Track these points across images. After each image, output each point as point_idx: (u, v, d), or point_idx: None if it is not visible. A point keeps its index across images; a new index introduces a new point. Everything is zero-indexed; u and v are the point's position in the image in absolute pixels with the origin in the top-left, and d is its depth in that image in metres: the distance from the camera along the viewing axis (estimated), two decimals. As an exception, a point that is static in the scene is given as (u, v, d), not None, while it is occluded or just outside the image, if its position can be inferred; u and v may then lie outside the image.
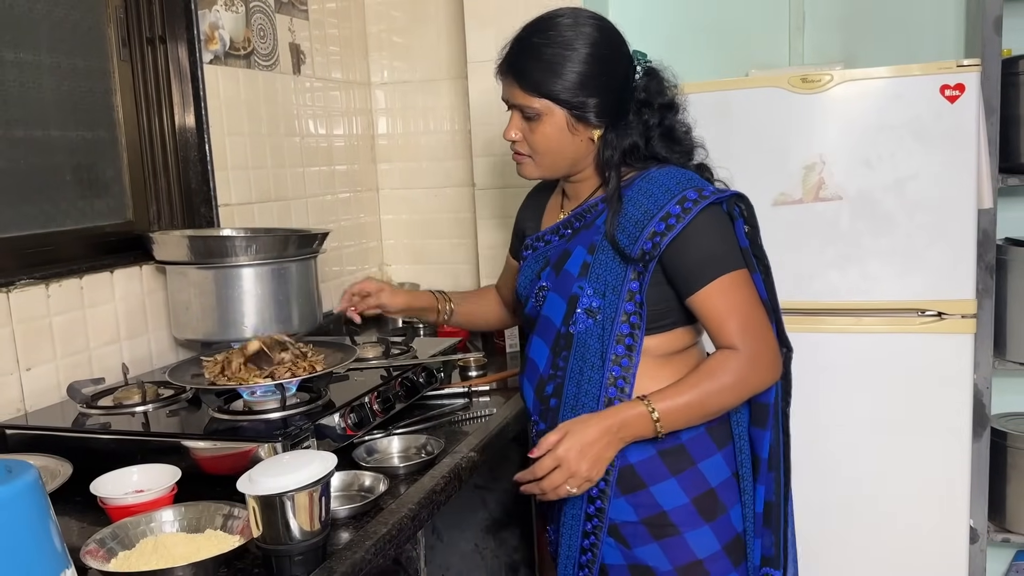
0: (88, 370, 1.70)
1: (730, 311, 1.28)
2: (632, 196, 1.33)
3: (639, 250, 1.30)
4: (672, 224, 1.27)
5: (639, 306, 1.32)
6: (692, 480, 1.35)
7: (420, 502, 1.28)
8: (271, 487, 1.06)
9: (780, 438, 1.39)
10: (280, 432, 1.33)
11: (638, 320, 1.33)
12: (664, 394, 1.29)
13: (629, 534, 1.37)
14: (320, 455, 1.14)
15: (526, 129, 1.37)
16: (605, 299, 1.34)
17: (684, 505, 1.35)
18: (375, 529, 1.18)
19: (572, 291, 1.37)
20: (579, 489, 1.29)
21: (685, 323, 1.37)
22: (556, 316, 1.40)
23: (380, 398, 1.57)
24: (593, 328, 1.35)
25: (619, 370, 1.33)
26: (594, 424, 1.28)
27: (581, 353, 1.36)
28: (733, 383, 1.29)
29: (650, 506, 1.35)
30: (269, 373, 1.41)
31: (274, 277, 1.80)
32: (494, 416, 1.68)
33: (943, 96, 1.87)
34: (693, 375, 1.31)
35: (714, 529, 1.35)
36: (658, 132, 1.35)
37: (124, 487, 1.29)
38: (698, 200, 1.28)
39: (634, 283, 1.32)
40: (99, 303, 1.74)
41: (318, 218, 2.45)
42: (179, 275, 1.80)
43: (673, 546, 1.35)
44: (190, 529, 1.21)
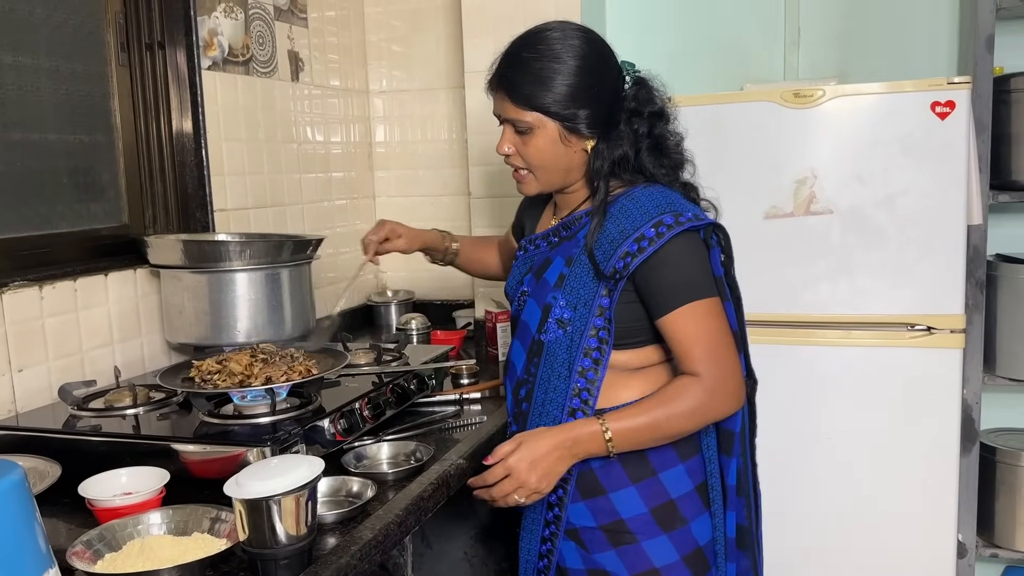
0: (80, 372, 1.71)
1: (697, 338, 1.29)
2: (613, 214, 1.34)
3: (611, 268, 1.31)
4: (644, 247, 1.29)
5: (608, 322, 1.34)
6: (652, 490, 1.36)
7: (407, 508, 1.28)
8: (258, 491, 1.07)
9: (748, 465, 1.40)
10: (269, 437, 1.34)
11: (606, 335, 1.34)
12: (620, 414, 1.31)
13: (588, 539, 1.38)
14: (307, 459, 1.15)
15: (519, 143, 1.38)
16: (576, 312, 1.35)
17: (642, 514, 1.36)
18: (361, 534, 1.19)
19: (547, 300, 1.39)
20: (527, 500, 1.31)
21: (656, 342, 1.38)
22: (532, 322, 1.42)
23: (371, 404, 1.58)
24: (563, 339, 1.37)
25: (584, 382, 1.35)
26: (547, 438, 1.30)
27: (550, 362, 1.38)
28: (691, 409, 1.29)
29: (608, 513, 1.36)
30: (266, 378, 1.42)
31: (267, 282, 1.81)
32: (484, 423, 1.69)
33: (934, 113, 1.89)
34: (653, 398, 1.32)
35: (672, 539, 1.36)
36: (647, 143, 1.36)
37: (112, 489, 1.29)
38: (673, 226, 1.29)
39: (604, 299, 1.34)
40: (93, 305, 1.75)
41: (314, 224, 2.46)
42: (173, 279, 1.81)
43: (630, 553, 1.36)
44: (177, 532, 1.21)
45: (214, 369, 1.46)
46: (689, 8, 2.58)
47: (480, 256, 1.89)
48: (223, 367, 1.45)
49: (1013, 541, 2.22)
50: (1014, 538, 2.22)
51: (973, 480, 2.16)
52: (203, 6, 1.99)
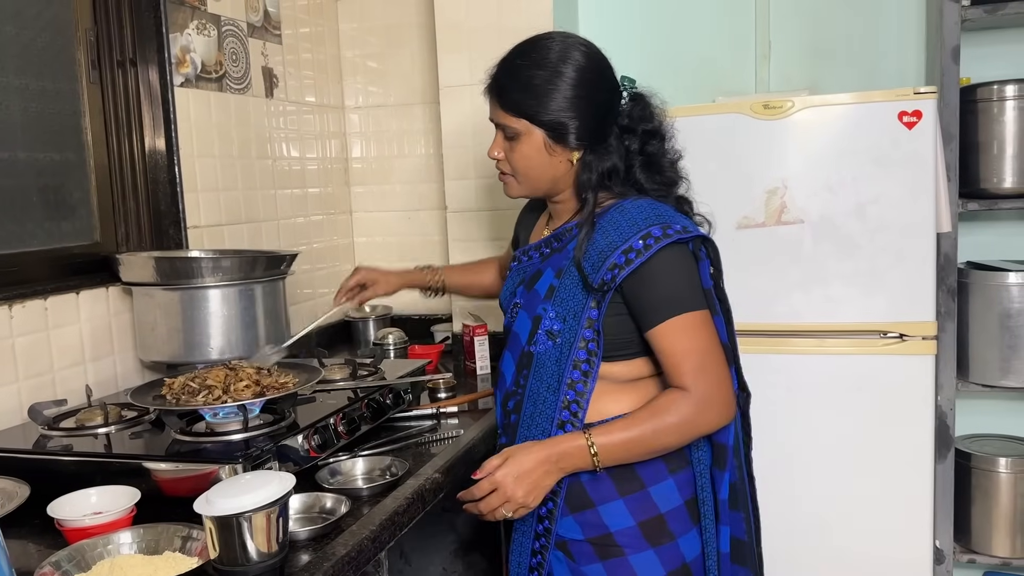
0: (52, 392, 1.69)
1: (686, 351, 1.29)
2: (602, 225, 1.34)
3: (599, 280, 1.31)
4: (631, 259, 1.29)
5: (597, 334, 1.34)
6: (641, 504, 1.36)
7: (382, 524, 1.28)
8: (228, 508, 1.06)
9: (744, 479, 1.40)
10: (241, 454, 1.32)
11: (595, 347, 1.34)
12: (606, 428, 1.31)
13: (576, 551, 1.38)
14: (279, 475, 1.14)
15: (507, 148, 1.40)
16: (565, 324, 1.35)
17: (630, 528, 1.35)
18: (335, 551, 1.18)
19: (537, 311, 1.39)
20: (515, 514, 1.31)
21: (646, 354, 1.38)
22: (523, 334, 1.42)
23: (345, 420, 1.57)
24: (552, 351, 1.37)
25: (573, 394, 1.35)
26: (534, 453, 1.30)
27: (539, 373, 1.38)
28: (678, 423, 1.29)
29: (596, 526, 1.36)
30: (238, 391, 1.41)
31: (241, 299, 1.80)
32: (461, 437, 1.69)
33: (901, 122, 1.91)
34: (640, 412, 1.31)
35: (659, 554, 1.36)
36: (640, 160, 1.37)
37: (82, 509, 1.28)
38: (661, 238, 1.29)
39: (593, 311, 1.34)
40: (64, 324, 1.73)
41: (290, 240, 2.46)
42: (145, 296, 1.80)
43: (617, 567, 1.35)
44: (148, 551, 1.20)
45: (190, 388, 1.44)
46: (661, 22, 2.60)
47: (473, 279, 1.91)
48: (198, 383, 1.44)
49: (990, 546, 2.24)
50: (991, 543, 2.24)
51: (949, 486, 2.18)
52: (175, 23, 1.99)
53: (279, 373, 1.51)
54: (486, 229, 2.40)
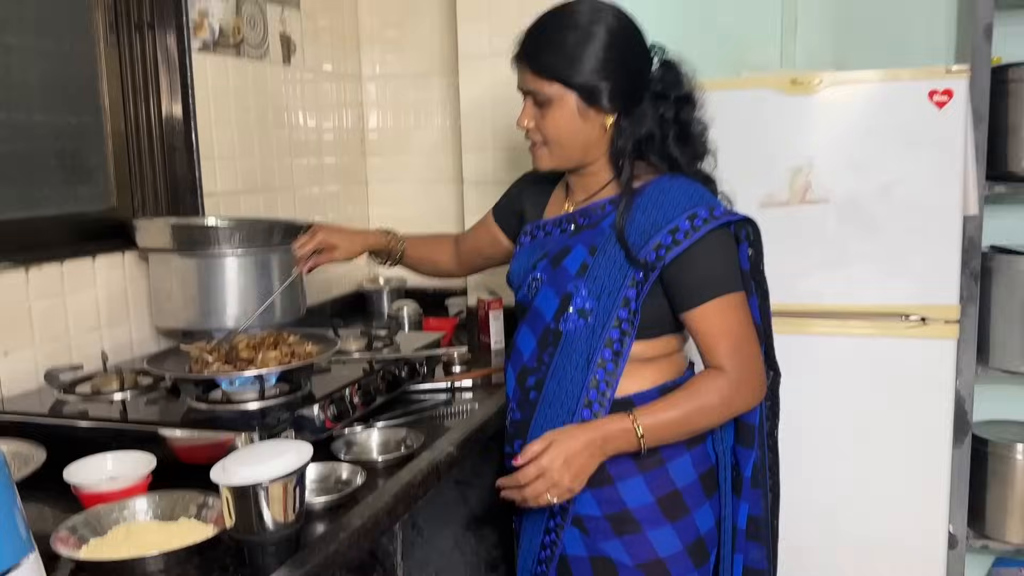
0: (67, 357, 1.69)
1: (723, 332, 1.28)
2: (641, 203, 1.32)
3: (642, 259, 1.30)
4: (679, 239, 1.27)
5: (632, 314, 1.32)
6: (659, 480, 1.35)
7: (397, 496, 1.27)
8: (244, 477, 1.05)
9: (765, 458, 1.40)
10: (258, 423, 1.32)
11: (629, 327, 1.32)
12: (650, 410, 1.29)
13: (592, 527, 1.37)
14: (296, 445, 1.13)
15: (538, 116, 1.37)
16: (599, 302, 1.34)
17: (649, 504, 1.35)
18: (350, 522, 1.17)
19: (567, 289, 1.37)
20: (559, 499, 1.29)
21: (673, 332, 1.37)
22: (547, 310, 1.40)
23: (361, 391, 1.56)
24: (583, 329, 1.35)
25: (603, 374, 1.33)
26: (579, 436, 1.28)
27: (567, 352, 1.36)
28: (718, 404, 1.29)
29: (614, 502, 1.35)
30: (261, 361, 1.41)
31: (257, 267, 1.79)
32: (476, 412, 1.68)
33: (931, 101, 1.87)
34: (680, 393, 1.31)
35: (677, 529, 1.36)
36: (674, 129, 1.34)
37: (98, 474, 1.28)
38: (708, 219, 1.28)
39: (631, 290, 1.32)
40: (80, 289, 1.73)
41: (305, 210, 2.44)
42: (161, 263, 1.79)
43: (635, 543, 1.35)
44: (164, 517, 1.20)
45: (214, 356, 1.44)
46: (686, -6, 2.55)
47: (429, 255, 1.83)
48: (220, 351, 1.44)
49: (1004, 533, 2.23)
50: (1004, 530, 2.22)
51: (965, 472, 2.16)
52: (193, -13, 1.97)
53: (298, 342, 1.50)
54: (503, 202, 2.38)
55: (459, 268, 1.82)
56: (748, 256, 1.35)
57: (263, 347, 1.46)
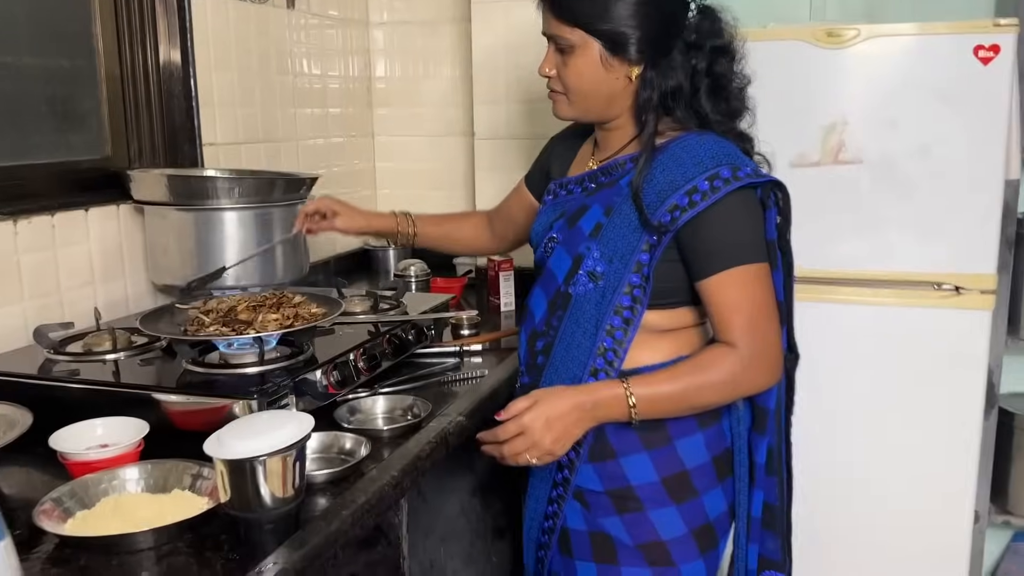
0: (59, 313, 1.61)
1: (738, 305, 1.19)
2: (663, 161, 1.22)
3: (657, 220, 1.20)
4: (696, 201, 1.17)
5: (645, 279, 1.23)
6: (666, 458, 1.28)
7: (403, 469, 1.20)
8: (241, 450, 0.98)
9: (780, 444, 1.31)
10: (256, 389, 1.24)
11: (641, 294, 1.24)
12: (647, 380, 1.21)
13: (593, 502, 1.30)
14: (296, 416, 1.06)
15: (560, 63, 1.27)
16: (611, 265, 1.25)
17: (652, 483, 1.27)
18: (353, 497, 1.10)
19: (579, 250, 1.28)
20: (539, 460, 1.22)
21: (691, 303, 1.28)
22: (559, 272, 1.31)
23: (366, 355, 1.48)
24: (592, 293, 1.26)
25: (611, 341, 1.25)
26: (567, 398, 1.21)
27: (576, 316, 1.28)
28: (722, 381, 1.20)
29: (616, 478, 1.28)
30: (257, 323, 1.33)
31: (258, 223, 1.70)
32: (485, 378, 1.60)
33: (976, 57, 1.75)
34: (683, 365, 1.22)
35: (682, 512, 1.28)
36: (706, 83, 1.24)
37: (87, 441, 1.21)
38: (730, 180, 1.17)
39: (644, 254, 1.23)
40: (72, 243, 1.64)
41: (309, 163, 2.34)
42: (158, 216, 1.70)
43: (636, 522, 1.28)
44: (155, 489, 1.13)
45: (211, 317, 1.36)
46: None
47: (449, 231, 1.75)
48: (218, 312, 1.36)
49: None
50: (1025, 505, 2.16)
51: (989, 446, 2.08)
52: (192, -78, 1.85)
53: (304, 304, 1.42)
54: (516, 158, 2.27)
55: (495, 242, 1.73)
56: (776, 223, 1.25)
57: (264, 308, 1.37)
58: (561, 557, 1.33)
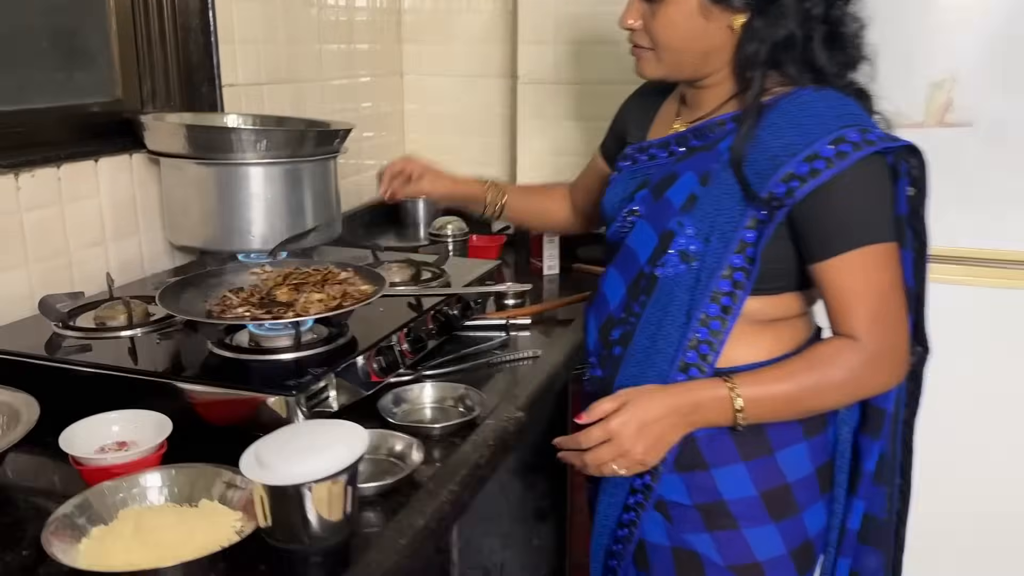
0: (66, 276, 1.46)
1: (863, 293, 1.02)
2: (773, 121, 1.03)
3: (767, 192, 1.02)
4: (818, 169, 0.99)
5: (750, 261, 1.06)
6: (765, 470, 1.12)
7: (463, 481, 1.04)
8: (285, 475, 0.83)
9: (896, 451, 1.16)
10: (294, 383, 1.08)
11: (744, 278, 1.06)
12: (755, 378, 1.05)
13: (677, 516, 1.15)
14: (348, 430, 0.91)
15: (647, 13, 1.08)
16: (708, 245, 1.07)
17: (750, 498, 1.12)
18: (410, 520, 0.95)
19: (668, 226, 1.10)
20: (628, 471, 1.07)
21: (799, 287, 1.11)
22: (643, 250, 1.14)
23: (410, 336, 1.32)
24: (685, 276, 1.09)
25: (706, 332, 1.08)
26: (661, 400, 1.05)
27: (663, 303, 1.11)
28: (843, 381, 1.04)
29: (707, 491, 1.13)
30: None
31: (287, 179, 1.53)
32: (540, 362, 1.43)
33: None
34: (797, 362, 1.06)
35: (782, 530, 1.13)
36: (822, 29, 1.05)
37: (101, 438, 1.06)
38: (860, 145, 0.99)
39: (750, 232, 1.05)
40: (80, 197, 1.48)
41: (334, 105, 2.15)
42: (175, 170, 1.53)
43: (728, 541, 1.13)
44: (181, 498, 0.98)
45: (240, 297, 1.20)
46: None
47: (539, 206, 1.58)
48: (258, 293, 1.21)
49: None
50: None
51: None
52: None
53: (350, 280, 1.26)
54: (565, 106, 2.08)
55: (576, 219, 1.56)
56: (907, 196, 1.07)
57: (308, 287, 1.21)
58: (637, 572, 1.19)
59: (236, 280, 1.32)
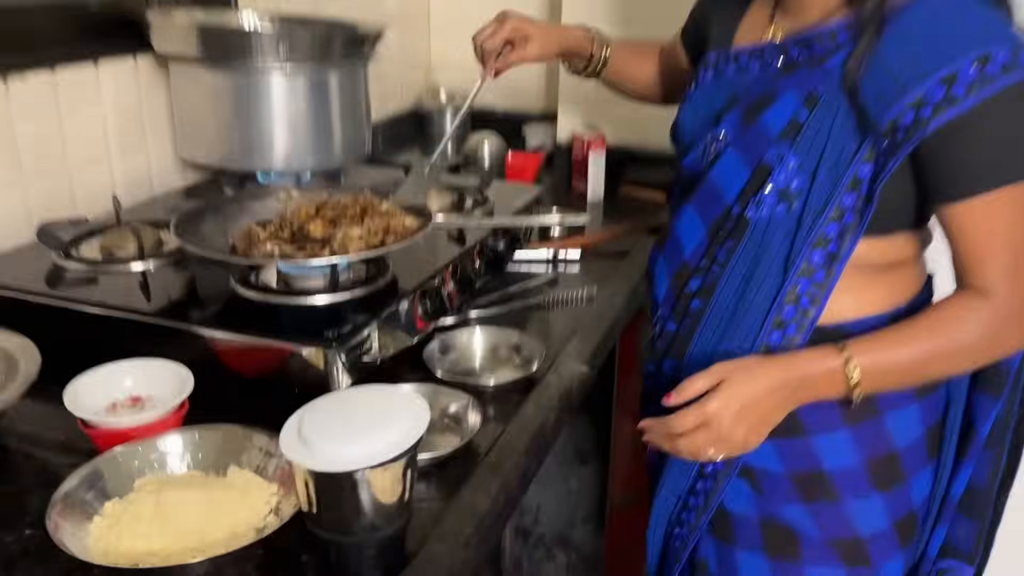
0: (67, 197, 1.30)
1: (1004, 239, 0.85)
2: (899, 32, 0.85)
3: (888, 120, 0.85)
4: (956, 96, 0.81)
5: (865, 201, 0.89)
6: (872, 436, 0.98)
7: (528, 450, 0.91)
8: (336, 459, 0.69)
9: (1014, 412, 1.01)
10: (332, 332, 0.94)
11: (855, 220, 0.90)
12: (872, 344, 0.89)
13: (768, 485, 1.02)
14: (405, 400, 0.76)
15: None
16: (815, 181, 0.91)
17: (855, 467, 0.98)
18: (475, 502, 0.82)
19: (764, 157, 0.94)
20: (726, 456, 0.93)
21: (913, 226, 0.95)
22: (730, 186, 0.97)
23: (457, 276, 1.17)
24: (784, 219, 0.93)
25: (807, 284, 0.93)
26: (764, 375, 0.89)
27: (756, 250, 0.95)
28: (974, 343, 0.88)
29: (804, 459, 0.99)
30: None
31: (312, 88, 1.35)
32: (597, 306, 1.27)
33: None
34: (919, 321, 0.90)
35: (886, 501, 1.00)
36: None
37: (113, 393, 0.92)
38: (1011, 67, 0.81)
39: (866, 166, 0.89)
40: (80, 107, 1.31)
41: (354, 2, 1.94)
42: (186, 76, 1.35)
43: (827, 513, 1.00)
44: (207, 466, 0.86)
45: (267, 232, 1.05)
46: None
47: (636, 67, 1.39)
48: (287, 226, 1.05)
49: None
50: None
51: None
52: None
53: (394, 211, 1.10)
54: (623, 7, 1.86)
55: (661, 89, 1.39)
56: None
57: (344, 219, 1.05)
58: (715, 541, 1.06)
59: (259, 207, 1.16)
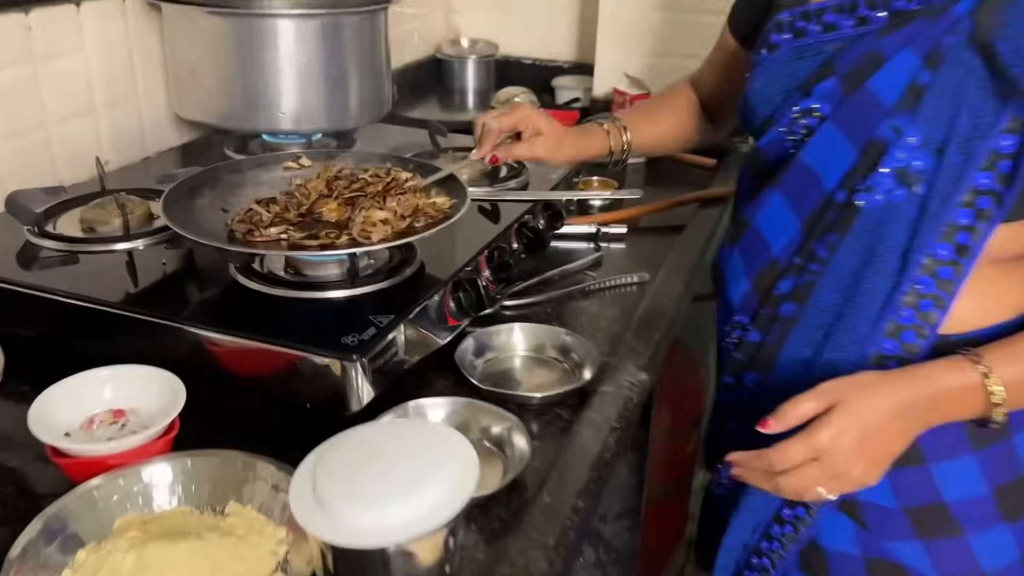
0: (46, 156, 1.14)
1: None
2: None
3: None
4: None
5: (1005, 181, 0.74)
6: (1001, 460, 0.84)
7: (586, 488, 0.76)
8: (363, 530, 0.54)
9: None
10: (354, 341, 0.78)
11: (992, 205, 0.74)
12: (1014, 352, 0.75)
13: (876, 521, 0.87)
14: (447, 443, 0.61)
15: None
16: (942, 159, 0.75)
17: (981, 497, 0.84)
18: (528, 564, 0.67)
19: (876, 132, 0.77)
20: (839, 493, 0.78)
21: None
22: (831, 169, 0.81)
23: (493, 262, 1.01)
24: (904, 205, 0.77)
25: (930, 283, 0.78)
26: (886, 395, 0.74)
27: (867, 243, 0.79)
28: None
29: (922, 491, 0.85)
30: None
31: (326, 37, 1.18)
32: (652, 293, 1.11)
33: None
34: None
35: (1015, 532, 0.86)
36: None
37: (89, 406, 0.77)
38: None
39: (1005, 138, 0.73)
40: (60, 53, 1.15)
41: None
42: (181, 20, 1.18)
43: (947, 550, 0.86)
44: (200, 502, 0.72)
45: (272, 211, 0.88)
46: None
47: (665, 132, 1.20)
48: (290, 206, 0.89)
49: None
50: None
51: None
52: None
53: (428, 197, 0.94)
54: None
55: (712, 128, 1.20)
56: None
57: (364, 198, 0.89)
58: None
59: (263, 177, 1.00)
